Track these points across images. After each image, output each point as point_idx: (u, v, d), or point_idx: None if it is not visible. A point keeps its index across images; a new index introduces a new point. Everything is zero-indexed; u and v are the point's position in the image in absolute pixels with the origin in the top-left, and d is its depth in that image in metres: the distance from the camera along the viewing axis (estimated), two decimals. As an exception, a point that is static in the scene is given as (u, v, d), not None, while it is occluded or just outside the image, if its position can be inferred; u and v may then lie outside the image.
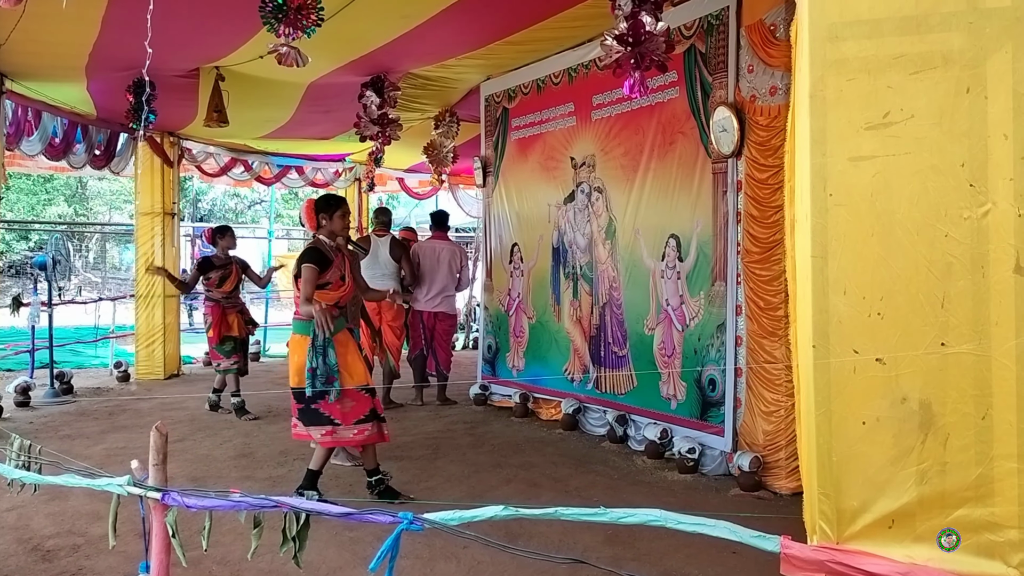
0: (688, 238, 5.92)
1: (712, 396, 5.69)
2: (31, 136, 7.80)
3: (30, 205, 25.98)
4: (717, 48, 5.60)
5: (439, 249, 8.44)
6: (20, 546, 4.26)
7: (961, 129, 1.62)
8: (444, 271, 8.35)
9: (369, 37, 6.33)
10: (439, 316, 8.44)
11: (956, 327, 1.63)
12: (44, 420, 7.47)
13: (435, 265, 8.34)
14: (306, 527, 2.20)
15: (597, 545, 4.20)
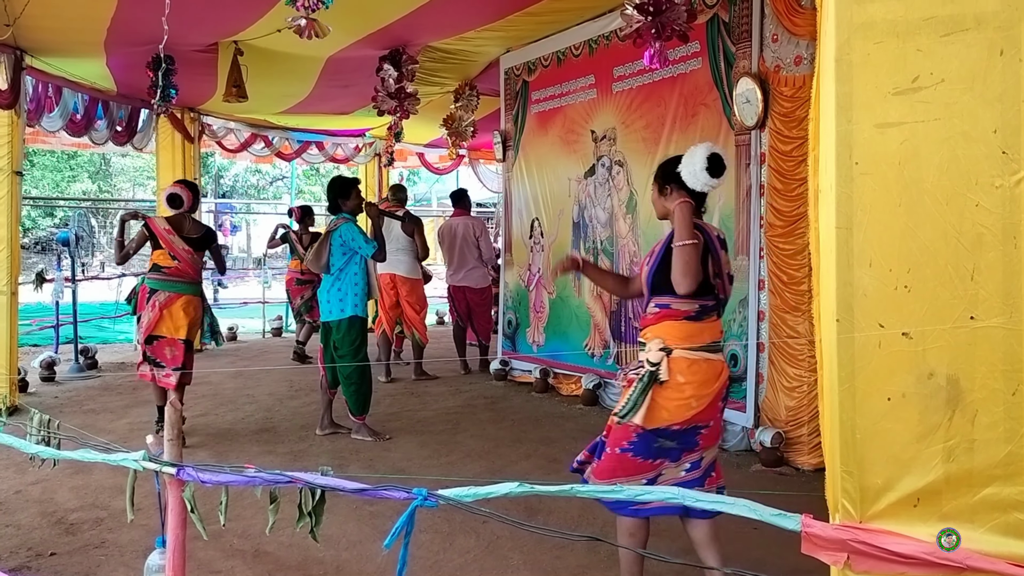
0: (710, 212, 5.83)
1: (734, 371, 5.64)
2: (52, 112, 7.82)
3: (55, 182, 26.23)
4: (740, 17, 5.49)
5: (455, 225, 8.74)
6: (44, 519, 4.31)
7: (994, 93, 1.55)
8: (460, 246, 8.63)
9: (387, 10, 6.27)
10: (467, 290, 8.73)
11: (986, 300, 1.58)
12: (69, 395, 7.55)
13: (453, 241, 8.67)
14: (322, 502, 2.19)
15: (615, 521, 4.17)
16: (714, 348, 3.16)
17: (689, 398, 3.06)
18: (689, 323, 3.11)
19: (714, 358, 3.14)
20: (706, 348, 3.11)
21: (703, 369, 3.09)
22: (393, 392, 7.65)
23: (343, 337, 5.77)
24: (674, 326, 3.11)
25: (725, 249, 3.24)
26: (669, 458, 3.15)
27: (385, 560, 3.64)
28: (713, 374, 3.12)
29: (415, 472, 5.03)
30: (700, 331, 3.12)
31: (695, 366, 3.07)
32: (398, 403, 7.19)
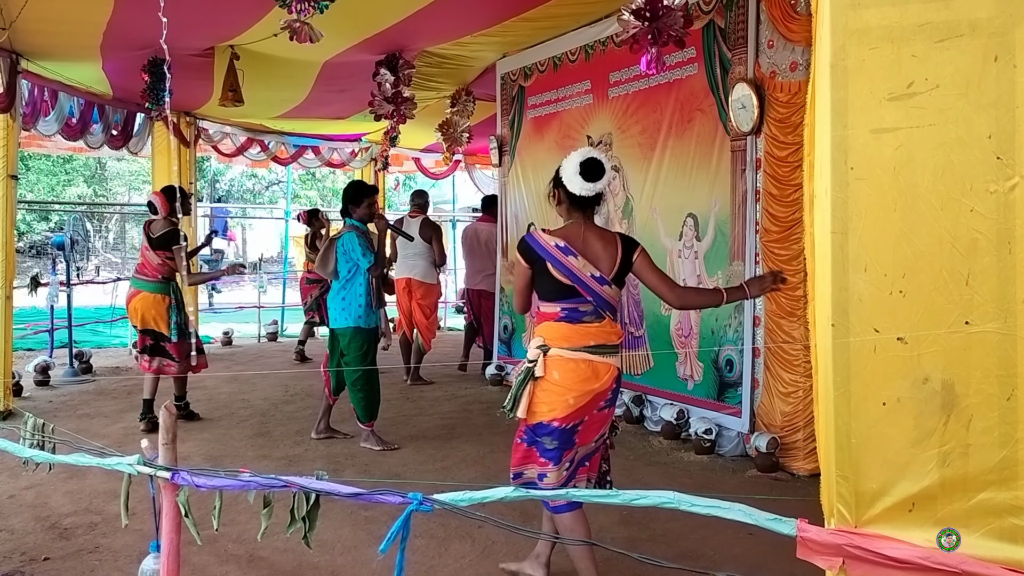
0: (706, 217, 5.85)
1: (729, 377, 5.65)
2: (47, 116, 7.81)
3: (50, 186, 26.19)
4: (736, 23, 5.50)
5: (480, 230, 9.01)
6: (38, 524, 4.29)
7: (988, 99, 1.55)
8: (482, 251, 8.83)
9: (383, 14, 6.28)
10: (482, 294, 8.93)
11: (981, 305, 1.58)
12: (63, 399, 7.53)
13: (475, 246, 8.93)
14: (315, 508, 2.18)
15: (612, 525, 4.18)
16: (599, 350, 3.25)
17: (565, 395, 3.19)
18: (563, 324, 3.27)
19: (595, 359, 3.25)
20: (589, 349, 3.22)
21: (580, 368, 3.22)
22: (389, 397, 7.62)
23: (349, 344, 5.72)
24: (551, 327, 3.30)
25: (585, 254, 3.32)
26: (552, 460, 3.23)
27: (380, 565, 3.63)
28: (591, 374, 3.24)
29: (410, 477, 5.03)
30: (578, 332, 3.26)
31: (570, 364, 3.21)
32: (393, 408, 7.18)
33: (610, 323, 3.32)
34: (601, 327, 3.29)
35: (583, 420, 3.26)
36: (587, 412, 3.25)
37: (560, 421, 3.19)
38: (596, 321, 3.28)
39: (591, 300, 3.28)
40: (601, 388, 3.26)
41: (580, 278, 3.27)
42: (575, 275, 3.27)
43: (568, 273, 3.27)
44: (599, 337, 3.27)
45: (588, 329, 3.26)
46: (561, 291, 3.28)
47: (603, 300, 3.31)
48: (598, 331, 3.27)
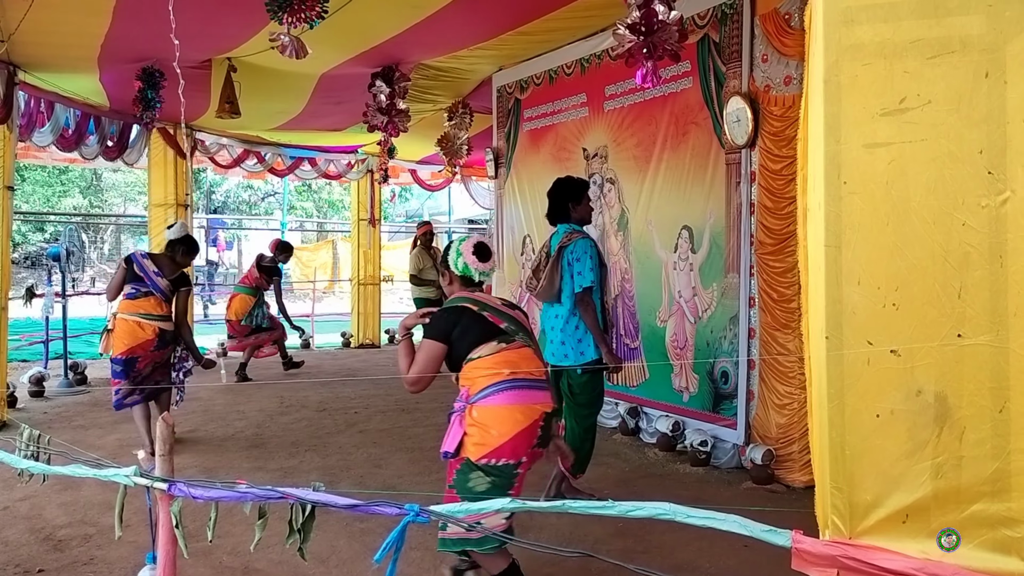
0: (701, 229, 5.88)
1: (724, 389, 5.66)
2: (43, 127, 7.83)
3: (45, 197, 26.16)
4: (731, 37, 5.54)
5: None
6: (32, 535, 4.28)
7: (979, 115, 1.57)
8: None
9: (380, 28, 6.31)
10: None
11: (973, 318, 1.59)
12: (58, 410, 7.52)
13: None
14: (311, 519, 2.18)
15: (608, 537, 4.18)
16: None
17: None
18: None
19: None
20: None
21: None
22: (384, 408, 7.64)
23: (584, 386, 4.71)
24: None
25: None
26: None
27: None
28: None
29: (406, 489, 5.02)
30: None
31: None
32: (389, 420, 7.18)
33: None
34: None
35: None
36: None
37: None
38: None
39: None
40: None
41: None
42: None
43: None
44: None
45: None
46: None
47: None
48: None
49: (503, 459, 3.18)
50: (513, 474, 3.22)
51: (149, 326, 5.75)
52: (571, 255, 4.62)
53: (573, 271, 4.61)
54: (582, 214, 4.83)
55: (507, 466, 3.20)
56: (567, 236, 4.70)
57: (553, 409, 3.39)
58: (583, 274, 4.58)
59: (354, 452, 6.01)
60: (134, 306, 5.75)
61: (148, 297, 5.75)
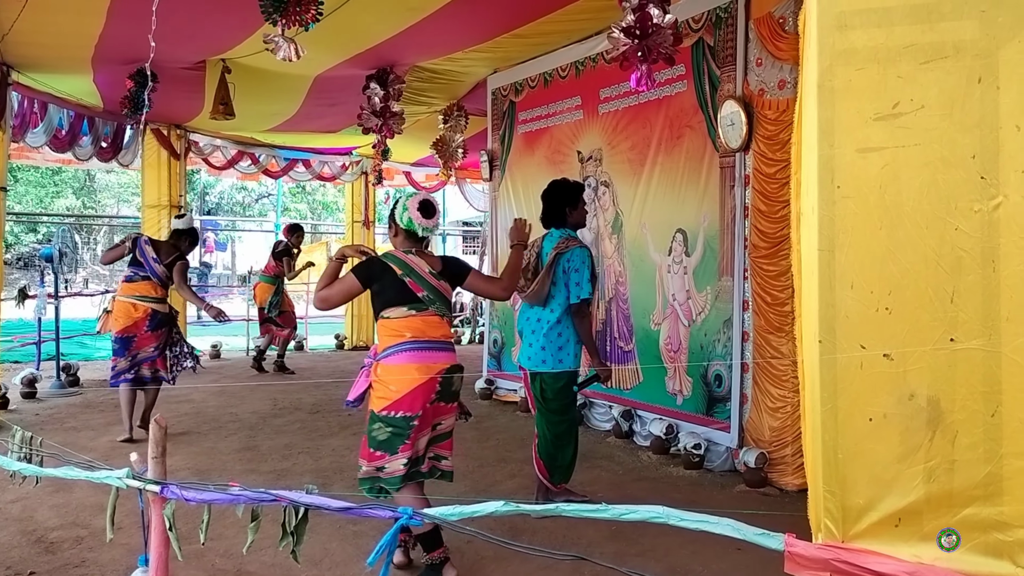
0: (695, 233, 5.88)
1: (718, 392, 5.66)
2: (36, 128, 7.80)
3: (38, 198, 26.09)
4: (725, 41, 5.55)
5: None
6: (24, 538, 4.26)
7: (972, 120, 1.58)
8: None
9: (375, 30, 6.31)
10: None
11: (966, 322, 1.60)
12: (50, 412, 7.49)
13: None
14: (304, 522, 2.18)
15: (601, 541, 4.18)
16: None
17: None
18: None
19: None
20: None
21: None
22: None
23: (559, 392, 4.66)
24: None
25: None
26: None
27: (368, 580, 3.63)
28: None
29: (399, 491, 5.01)
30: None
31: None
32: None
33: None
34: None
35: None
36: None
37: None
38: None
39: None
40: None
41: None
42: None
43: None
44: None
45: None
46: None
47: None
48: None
49: (401, 411, 3.58)
50: (410, 425, 3.58)
51: (143, 307, 6.30)
52: (568, 263, 4.55)
53: (570, 280, 4.54)
54: (578, 218, 4.77)
55: (404, 418, 3.58)
56: (564, 242, 4.61)
57: (453, 366, 3.72)
58: (581, 285, 4.52)
59: (347, 455, 5.99)
60: (131, 289, 6.33)
61: (145, 281, 6.32)
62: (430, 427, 3.71)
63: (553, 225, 4.74)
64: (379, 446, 3.61)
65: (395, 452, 3.58)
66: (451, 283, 3.82)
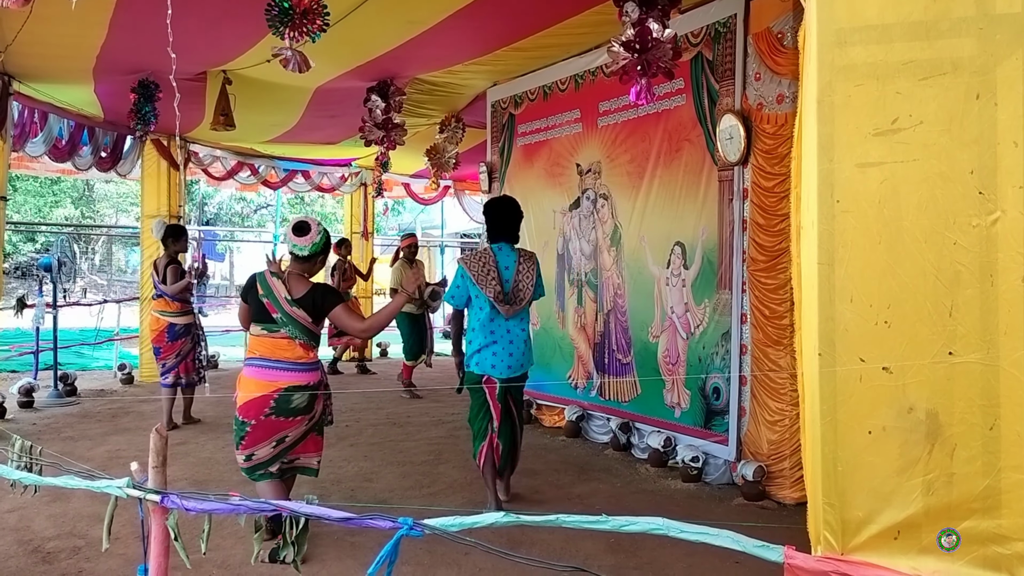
0: (693, 246, 5.90)
1: (716, 405, 5.67)
2: (35, 137, 7.82)
3: (37, 207, 26.07)
4: (724, 56, 5.59)
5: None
6: (21, 547, 4.25)
7: (970, 136, 1.59)
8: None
9: (376, 43, 6.34)
10: None
11: (964, 336, 1.61)
12: (47, 421, 7.47)
13: None
14: (304, 532, 2.18)
15: (599, 553, 4.17)
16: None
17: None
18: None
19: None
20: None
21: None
22: (375, 422, 7.62)
23: (520, 392, 5.08)
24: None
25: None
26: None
27: (366, 591, 3.62)
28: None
29: (397, 503, 5.01)
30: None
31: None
32: (380, 433, 7.17)
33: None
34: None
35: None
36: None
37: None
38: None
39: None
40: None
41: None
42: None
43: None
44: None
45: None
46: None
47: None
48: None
49: (240, 416, 4.12)
50: (244, 430, 4.10)
51: (163, 320, 7.14)
52: (536, 270, 4.99)
53: (537, 287, 4.98)
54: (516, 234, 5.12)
55: (242, 422, 4.11)
56: (523, 252, 5.02)
57: (291, 386, 4.07)
58: (542, 287, 5.05)
59: (345, 466, 5.99)
60: (155, 305, 7.33)
61: (160, 298, 7.21)
62: (270, 437, 4.13)
63: (504, 239, 5.00)
64: (234, 437, 4.22)
65: (237, 448, 4.17)
66: (312, 312, 4.12)
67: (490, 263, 4.88)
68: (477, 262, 4.90)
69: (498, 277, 4.85)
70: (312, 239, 4.13)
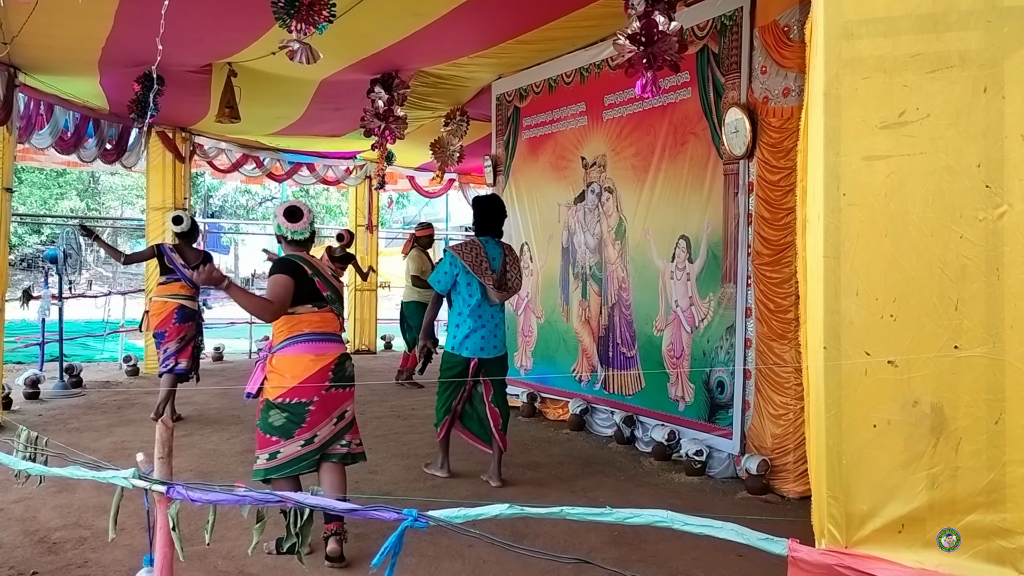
0: (698, 239, 5.90)
1: (720, 398, 5.67)
2: (42, 129, 7.82)
3: (43, 199, 26.12)
4: (730, 49, 5.57)
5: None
6: (27, 538, 4.27)
7: (977, 129, 1.59)
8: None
9: (381, 35, 6.33)
10: None
11: (970, 330, 1.61)
12: (53, 413, 7.50)
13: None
14: (309, 523, 2.19)
15: (603, 546, 4.18)
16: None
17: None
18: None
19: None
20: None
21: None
22: (380, 415, 7.63)
23: (504, 372, 5.57)
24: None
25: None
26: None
27: (371, 583, 3.63)
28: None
29: (401, 495, 5.02)
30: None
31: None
32: (384, 426, 7.18)
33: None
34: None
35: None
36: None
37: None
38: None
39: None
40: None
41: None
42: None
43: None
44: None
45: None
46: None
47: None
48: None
49: (296, 398, 3.91)
50: (305, 411, 3.94)
51: (173, 303, 7.05)
52: (519, 264, 5.57)
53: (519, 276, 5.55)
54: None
55: (299, 404, 3.93)
56: (507, 247, 5.49)
57: (343, 354, 4.11)
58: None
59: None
60: (164, 289, 7.16)
61: (176, 282, 7.12)
62: (331, 414, 4.06)
63: (489, 234, 5.46)
64: (275, 432, 3.95)
65: (292, 436, 3.95)
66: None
67: (481, 253, 5.30)
68: (469, 252, 5.30)
69: (490, 266, 5.28)
70: (307, 222, 4.18)
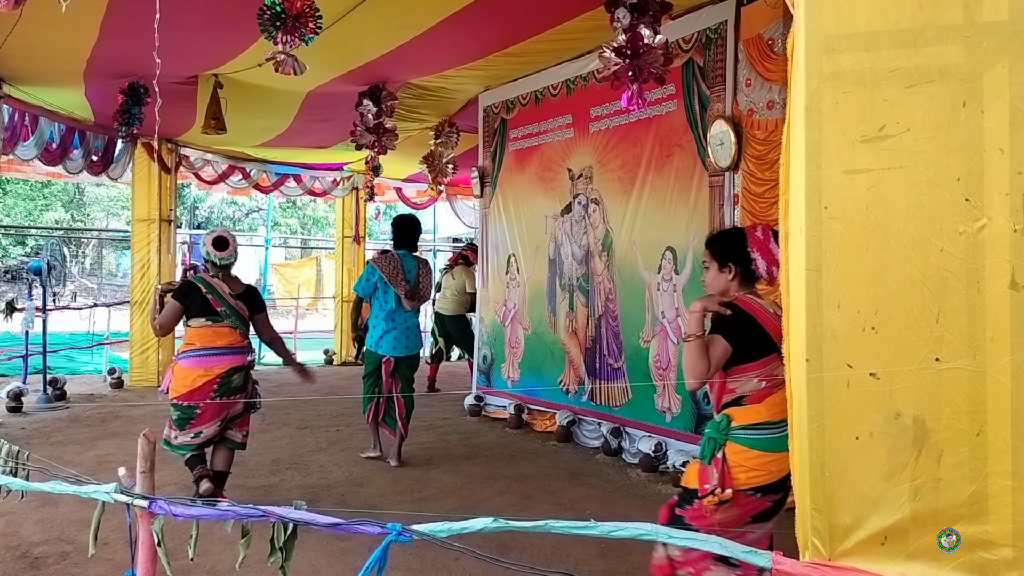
0: (684, 251, 5.91)
1: (707, 409, 5.67)
2: (26, 141, 7.79)
3: (27, 210, 25.96)
4: (715, 62, 5.60)
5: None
6: (8, 553, 4.23)
7: (957, 143, 1.60)
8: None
9: (368, 47, 6.34)
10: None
11: (951, 342, 1.62)
12: (36, 426, 7.44)
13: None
14: (293, 537, 2.17)
15: (589, 558, 4.17)
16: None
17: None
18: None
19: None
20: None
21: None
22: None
23: (413, 369, 6.34)
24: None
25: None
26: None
27: (356, 597, 3.60)
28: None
29: (387, 508, 5.00)
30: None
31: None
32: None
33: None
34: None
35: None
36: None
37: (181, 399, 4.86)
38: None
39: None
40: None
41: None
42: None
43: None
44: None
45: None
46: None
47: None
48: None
49: (186, 401, 4.80)
50: (193, 413, 4.82)
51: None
52: (431, 276, 6.42)
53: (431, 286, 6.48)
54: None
55: (189, 407, 4.82)
56: (421, 260, 6.34)
57: (232, 367, 4.87)
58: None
59: (335, 471, 5.98)
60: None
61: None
62: (216, 418, 4.86)
63: (406, 248, 6.33)
64: (173, 422, 4.88)
65: (183, 429, 4.84)
66: (248, 305, 5.01)
67: (398, 266, 6.13)
68: (388, 264, 6.15)
69: (405, 278, 6.09)
70: (232, 250, 4.99)
